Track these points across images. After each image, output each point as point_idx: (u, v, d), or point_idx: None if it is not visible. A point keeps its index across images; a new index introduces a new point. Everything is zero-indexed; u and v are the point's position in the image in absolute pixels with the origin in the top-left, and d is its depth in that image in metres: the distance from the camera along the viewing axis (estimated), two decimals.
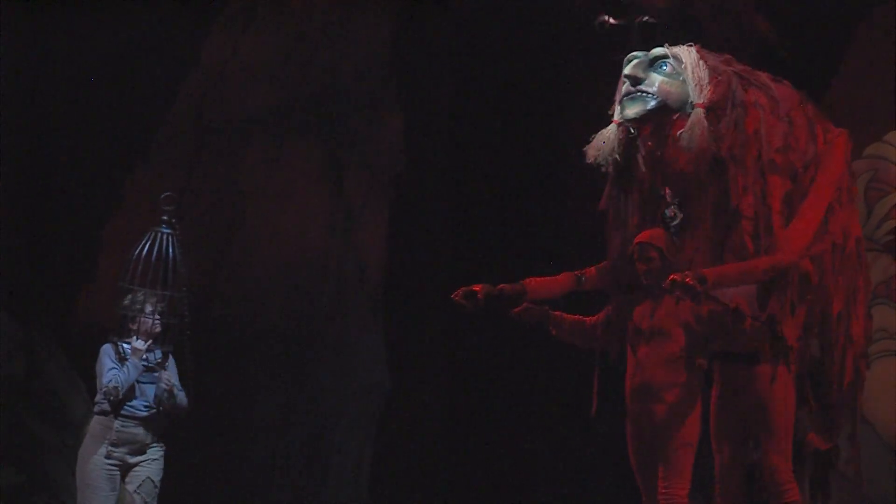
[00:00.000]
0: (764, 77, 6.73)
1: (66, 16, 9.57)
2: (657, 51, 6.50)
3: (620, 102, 6.52)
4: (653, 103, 6.41)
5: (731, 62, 6.65)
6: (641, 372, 6.42)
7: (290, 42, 9.96)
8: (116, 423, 6.80)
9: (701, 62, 6.46)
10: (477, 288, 6.71)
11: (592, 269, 6.86)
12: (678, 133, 6.37)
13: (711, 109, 6.37)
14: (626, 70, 6.46)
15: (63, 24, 9.62)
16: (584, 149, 6.68)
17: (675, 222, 6.63)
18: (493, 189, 9.95)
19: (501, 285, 6.77)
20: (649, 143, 6.56)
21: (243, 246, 9.92)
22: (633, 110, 6.44)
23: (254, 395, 9.64)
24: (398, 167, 10.09)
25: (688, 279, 6.00)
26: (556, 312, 6.76)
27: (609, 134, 6.60)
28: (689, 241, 6.56)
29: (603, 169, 6.65)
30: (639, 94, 6.42)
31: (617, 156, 6.60)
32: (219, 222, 9.98)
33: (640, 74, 6.43)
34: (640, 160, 6.61)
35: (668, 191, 6.65)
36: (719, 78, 6.44)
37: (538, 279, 6.87)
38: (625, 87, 6.50)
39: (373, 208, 10.07)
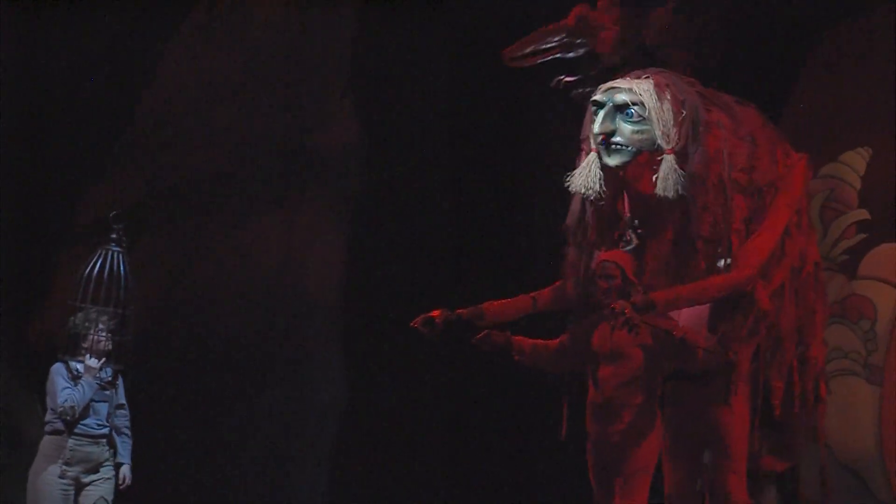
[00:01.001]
0: (728, 99, 6.82)
1: (18, 31, 9.52)
2: (619, 98, 6.53)
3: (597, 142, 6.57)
4: (628, 155, 6.51)
5: (695, 84, 6.70)
6: (601, 393, 6.43)
7: (248, 59, 9.94)
8: (70, 442, 6.86)
9: (663, 103, 6.50)
10: (435, 314, 6.77)
11: (546, 290, 6.88)
12: (654, 178, 6.44)
13: (680, 152, 6.45)
14: (596, 128, 6.51)
15: (18, 40, 9.56)
16: (567, 179, 6.70)
17: (629, 246, 6.66)
18: (452, 208, 9.95)
19: (459, 310, 6.79)
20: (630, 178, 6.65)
21: (200, 263, 9.88)
22: (612, 161, 6.51)
23: (210, 413, 9.60)
24: (357, 185, 10.07)
25: (626, 309, 6.03)
26: (518, 338, 6.75)
27: (592, 163, 6.61)
28: (648, 263, 6.59)
29: (592, 196, 6.66)
30: (613, 146, 6.50)
31: (600, 182, 6.63)
32: (176, 240, 9.94)
33: (610, 127, 6.50)
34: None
35: (626, 211, 6.68)
36: (683, 112, 6.50)
37: (496, 302, 6.89)
38: (597, 129, 6.54)
39: (331, 226, 10.05)
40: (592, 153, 6.59)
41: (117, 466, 7.04)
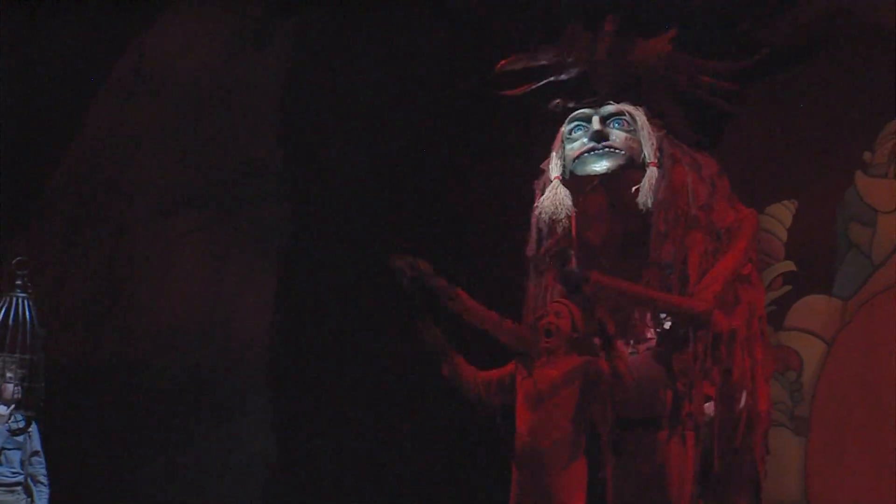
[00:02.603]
0: (686, 147, 6.89)
1: None
2: (608, 108, 6.64)
3: (578, 158, 6.60)
4: (621, 159, 6.56)
5: (658, 123, 6.79)
6: (531, 436, 6.35)
7: (176, 111, 9.91)
8: None
9: (648, 120, 6.64)
10: (424, 265, 6.63)
11: (509, 321, 6.88)
12: (634, 189, 6.49)
13: (660, 165, 6.51)
14: (594, 126, 6.57)
15: None
16: (536, 206, 6.75)
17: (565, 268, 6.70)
18: (382, 257, 9.92)
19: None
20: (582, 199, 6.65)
21: (127, 313, 9.80)
22: (601, 166, 6.56)
23: (132, 463, 9.48)
24: (286, 236, 10.05)
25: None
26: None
27: (558, 189, 6.68)
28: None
29: (563, 216, 6.69)
30: (605, 149, 6.53)
31: (570, 211, 6.67)
32: (103, 290, 9.86)
33: (606, 130, 6.54)
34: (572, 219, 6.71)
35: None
36: (656, 140, 6.61)
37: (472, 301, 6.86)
38: (579, 143, 6.59)
39: (259, 277, 10.01)
40: (555, 180, 6.66)
41: None
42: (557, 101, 7.05)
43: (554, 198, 6.68)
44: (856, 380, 8.81)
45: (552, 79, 7.06)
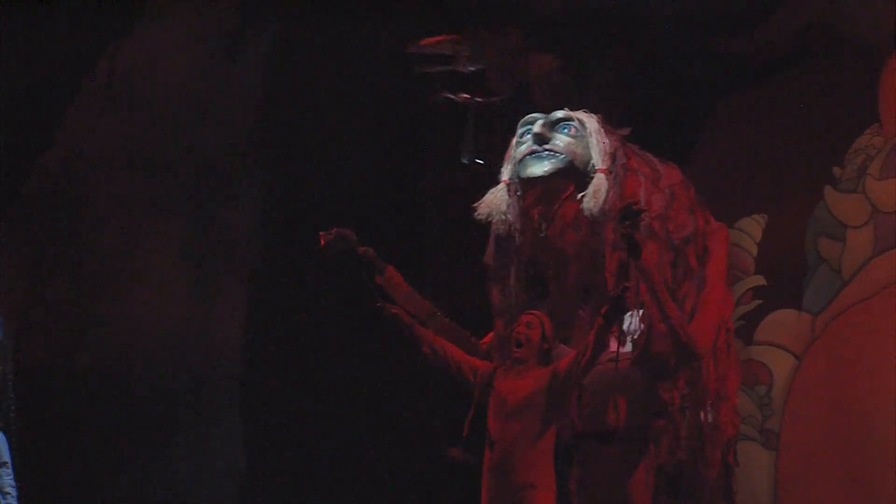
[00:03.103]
0: (651, 157, 6.87)
1: None
2: (559, 113, 6.58)
3: (521, 161, 6.55)
4: (561, 163, 6.46)
5: (617, 132, 6.75)
6: (500, 445, 6.33)
7: (149, 122, 9.88)
8: None
9: (600, 127, 6.55)
10: (349, 234, 6.77)
11: (447, 320, 6.89)
12: (579, 196, 6.43)
13: (611, 172, 6.43)
14: (535, 128, 6.51)
15: None
16: (475, 205, 6.72)
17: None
18: (351, 272, 9.91)
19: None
20: (536, 210, 6.61)
21: (99, 325, 9.75)
22: (539, 168, 6.47)
23: (103, 478, 9.44)
24: (258, 249, 10.03)
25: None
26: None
27: (500, 193, 6.65)
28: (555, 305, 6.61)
29: (495, 220, 6.68)
30: (546, 152, 6.46)
31: (507, 215, 6.64)
32: (74, 301, 9.82)
33: (547, 133, 6.48)
34: (524, 233, 6.70)
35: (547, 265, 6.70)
36: (609, 148, 6.53)
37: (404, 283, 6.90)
38: (525, 146, 6.55)
39: (232, 289, 9.98)
40: (501, 184, 6.63)
41: None
42: (465, 95, 7.06)
43: (490, 201, 6.66)
44: (825, 394, 8.84)
45: (451, 66, 7.08)
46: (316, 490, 9.73)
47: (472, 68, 6.99)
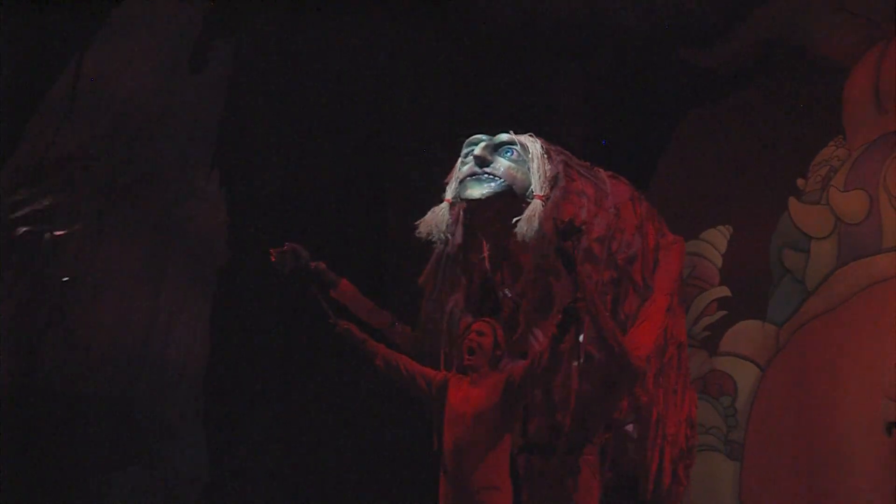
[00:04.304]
0: (601, 173, 6.83)
1: None
2: (502, 137, 6.55)
3: (462, 182, 6.53)
4: (499, 187, 6.43)
5: (563, 153, 6.71)
6: (456, 453, 6.31)
7: (111, 131, 9.82)
8: None
9: (545, 155, 6.52)
10: (303, 251, 6.73)
11: (408, 328, 6.86)
12: (513, 220, 6.40)
13: (549, 199, 6.41)
14: (476, 151, 6.48)
15: None
16: (416, 222, 6.70)
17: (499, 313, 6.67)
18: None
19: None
20: (494, 228, 6.59)
21: (61, 335, 9.68)
22: (478, 191, 6.43)
23: (70, 483, 9.35)
24: (221, 259, 9.98)
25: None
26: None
27: (441, 212, 6.63)
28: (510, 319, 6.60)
29: (436, 239, 6.67)
30: (485, 175, 6.44)
31: (448, 234, 6.64)
32: (35, 312, 9.73)
33: (488, 157, 6.46)
34: (485, 250, 6.67)
35: (502, 281, 6.67)
36: (550, 172, 6.51)
37: (357, 293, 6.88)
38: (467, 167, 6.52)
39: (196, 299, 9.93)
40: (444, 203, 6.62)
41: None
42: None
43: (430, 220, 6.66)
44: (789, 405, 8.89)
45: None
46: (279, 501, 9.70)
47: None
